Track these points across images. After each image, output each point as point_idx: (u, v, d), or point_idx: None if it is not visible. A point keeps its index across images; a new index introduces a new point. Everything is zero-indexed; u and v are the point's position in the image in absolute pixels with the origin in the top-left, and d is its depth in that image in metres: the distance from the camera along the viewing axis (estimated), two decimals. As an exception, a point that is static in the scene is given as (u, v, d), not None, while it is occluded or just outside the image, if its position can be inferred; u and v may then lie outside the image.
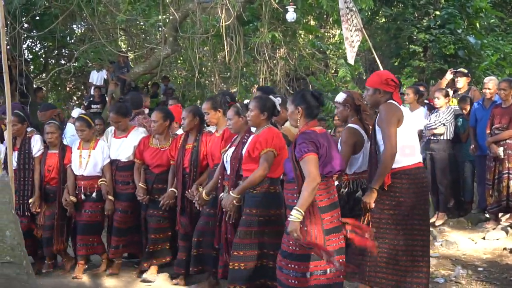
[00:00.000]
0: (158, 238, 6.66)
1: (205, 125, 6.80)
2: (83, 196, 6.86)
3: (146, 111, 9.20)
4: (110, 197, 6.84)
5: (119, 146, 7.00)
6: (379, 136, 5.04)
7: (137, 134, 7.05)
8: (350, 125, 5.43)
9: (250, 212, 5.21)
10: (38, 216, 7.00)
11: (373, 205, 4.93)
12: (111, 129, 7.28)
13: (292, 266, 4.40)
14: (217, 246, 5.73)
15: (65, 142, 7.25)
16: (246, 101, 5.77)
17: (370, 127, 5.37)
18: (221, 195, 5.63)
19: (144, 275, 6.60)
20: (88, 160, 6.89)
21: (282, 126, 6.22)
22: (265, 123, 5.35)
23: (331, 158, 4.44)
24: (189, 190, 6.24)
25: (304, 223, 4.26)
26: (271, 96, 5.51)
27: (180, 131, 7.26)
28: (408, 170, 4.99)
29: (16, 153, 7.05)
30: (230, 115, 5.74)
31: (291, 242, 4.38)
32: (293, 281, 4.39)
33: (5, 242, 4.96)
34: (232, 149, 5.68)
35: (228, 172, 5.60)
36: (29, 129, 7.20)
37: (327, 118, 12.35)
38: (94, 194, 6.87)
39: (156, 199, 6.62)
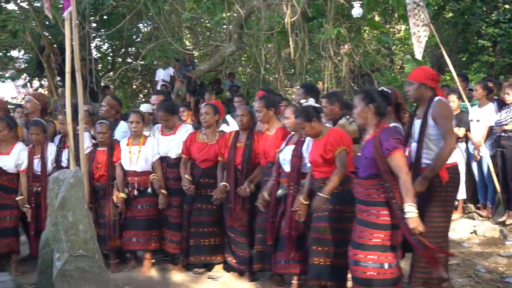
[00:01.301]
0: (202, 232, 6.76)
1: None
2: (136, 192, 7.00)
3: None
4: (163, 191, 6.95)
5: (168, 143, 7.11)
6: (431, 131, 5.09)
7: (184, 131, 7.16)
8: (393, 124, 5.50)
9: (334, 209, 5.32)
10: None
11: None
12: (157, 126, 7.38)
13: (371, 257, 4.46)
14: (271, 243, 5.88)
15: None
16: (303, 101, 5.81)
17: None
18: (278, 192, 5.84)
19: (211, 273, 6.72)
20: (139, 156, 7.01)
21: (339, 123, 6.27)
22: (323, 126, 5.56)
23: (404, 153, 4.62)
24: (241, 187, 6.35)
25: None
26: (309, 101, 5.65)
27: (223, 128, 7.38)
28: (455, 166, 5.20)
29: (66, 150, 7.27)
30: (289, 113, 5.90)
31: (373, 234, 4.47)
32: (371, 272, 4.43)
33: (78, 236, 5.09)
34: (290, 147, 5.85)
35: (288, 170, 5.77)
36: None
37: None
38: (149, 190, 7.00)
39: (202, 194, 6.76)
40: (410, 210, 4.28)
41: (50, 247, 5.56)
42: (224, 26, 15.65)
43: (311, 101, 5.59)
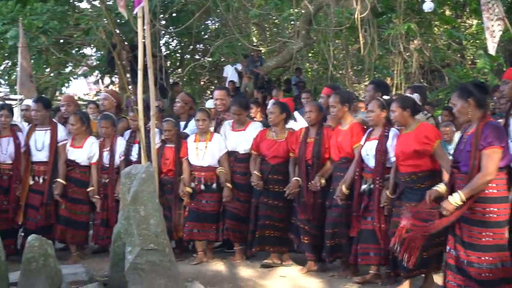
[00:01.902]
0: (269, 225, 6.90)
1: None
2: (202, 187, 7.17)
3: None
4: (228, 184, 7.10)
5: (238, 139, 7.26)
6: None
7: (254, 128, 7.30)
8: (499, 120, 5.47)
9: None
10: None
11: None
12: (228, 122, 7.48)
13: (486, 258, 4.40)
14: (355, 235, 6.02)
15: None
16: (385, 97, 5.93)
17: None
18: (362, 187, 5.98)
19: (264, 261, 6.89)
20: (205, 152, 7.18)
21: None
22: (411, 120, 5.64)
23: (507, 150, 4.48)
24: (311, 182, 6.49)
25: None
26: (413, 95, 5.78)
27: (291, 124, 7.45)
28: None
29: (136, 145, 7.49)
30: (373, 107, 6.01)
31: (482, 233, 4.42)
32: (486, 274, 4.37)
33: (149, 230, 5.16)
34: (373, 142, 5.97)
35: (372, 165, 5.92)
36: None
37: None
38: (214, 185, 7.17)
39: (270, 189, 6.91)
40: (456, 197, 4.34)
41: (122, 240, 5.66)
42: (292, 22, 15.62)
43: (416, 97, 5.71)
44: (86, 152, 7.56)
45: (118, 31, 12.87)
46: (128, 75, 12.28)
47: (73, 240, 7.54)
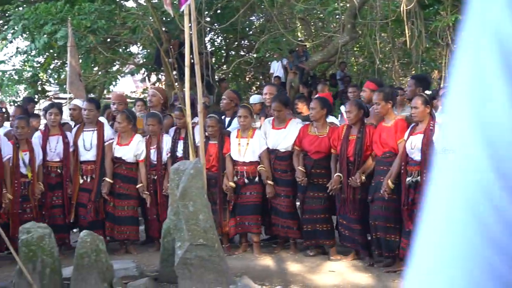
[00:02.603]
0: (316, 218, 7.08)
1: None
2: (246, 180, 7.35)
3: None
4: (270, 182, 7.27)
5: (278, 137, 7.39)
6: None
7: (295, 125, 7.41)
8: None
9: None
10: None
11: None
12: (269, 120, 7.60)
13: None
14: (410, 229, 6.00)
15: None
16: (427, 92, 6.17)
17: None
18: (407, 179, 6.07)
19: (332, 257, 7.03)
20: (247, 148, 7.34)
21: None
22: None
23: None
24: (352, 178, 6.63)
25: None
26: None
27: (331, 119, 7.53)
28: None
29: (181, 142, 7.64)
30: (417, 104, 6.11)
31: None
32: None
33: (198, 225, 5.22)
34: (417, 136, 6.08)
35: (418, 158, 6.03)
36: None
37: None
38: (256, 179, 7.36)
39: (314, 182, 7.10)
40: None
41: (171, 236, 5.73)
42: (337, 16, 15.52)
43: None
44: (132, 149, 7.70)
45: (164, 29, 12.98)
46: (174, 72, 12.36)
47: (122, 236, 7.69)
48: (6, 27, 14.33)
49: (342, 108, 8.41)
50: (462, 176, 0.51)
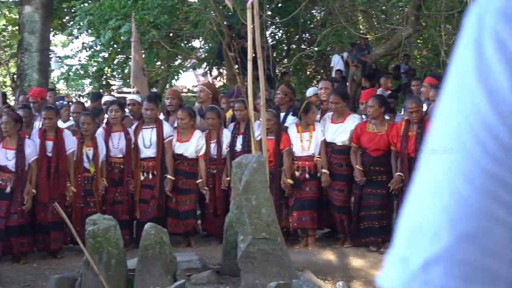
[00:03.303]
0: (373, 215, 7.07)
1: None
2: (307, 175, 7.36)
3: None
4: (325, 170, 7.26)
5: (335, 131, 7.40)
6: None
7: (352, 120, 7.42)
8: None
9: None
10: None
11: None
12: (328, 114, 7.62)
13: None
14: None
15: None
16: None
17: None
18: None
19: (382, 249, 6.98)
20: (311, 142, 7.38)
21: None
22: None
23: None
24: None
25: None
26: None
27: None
28: None
29: (240, 136, 7.70)
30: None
31: None
32: None
33: (261, 219, 5.22)
34: None
35: None
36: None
37: None
38: (318, 174, 7.34)
39: (373, 179, 7.09)
40: None
41: (234, 229, 5.75)
42: (400, 8, 15.26)
43: None
44: (193, 145, 7.76)
45: (225, 23, 13.04)
46: (236, 66, 12.41)
47: (186, 228, 7.77)
48: (72, 23, 14.69)
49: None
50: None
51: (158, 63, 16.15)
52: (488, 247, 0.59)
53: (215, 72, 17.16)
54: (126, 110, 8.39)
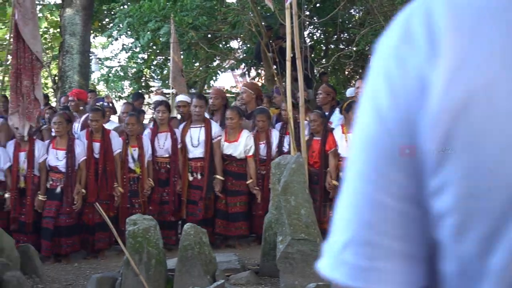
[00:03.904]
0: None
1: None
2: None
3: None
4: None
5: None
6: None
7: None
8: None
9: None
10: None
11: None
12: None
13: None
14: None
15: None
16: None
17: None
18: None
19: None
20: None
21: None
22: None
23: None
24: None
25: None
26: None
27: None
28: None
29: (287, 137, 7.61)
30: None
31: None
32: None
33: (300, 220, 5.19)
34: None
35: None
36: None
37: None
38: None
39: None
40: None
41: (272, 230, 5.74)
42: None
43: None
44: (241, 146, 7.72)
45: (263, 23, 13.04)
46: (274, 67, 12.40)
47: (237, 232, 7.72)
48: (111, 25, 14.85)
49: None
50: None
51: (197, 64, 16.24)
52: (383, 229, 0.76)
53: (253, 72, 17.18)
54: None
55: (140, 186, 7.71)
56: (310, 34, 17.10)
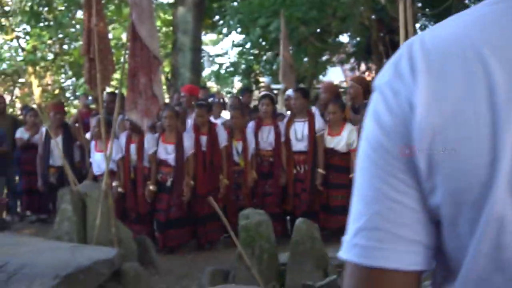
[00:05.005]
0: None
1: None
2: None
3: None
4: None
5: None
6: None
7: None
8: None
9: None
10: None
11: None
12: None
13: None
14: None
15: None
16: None
17: None
18: None
19: None
20: None
21: None
22: None
23: None
24: None
25: None
26: None
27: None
28: None
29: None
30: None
31: None
32: None
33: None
34: None
35: None
36: None
37: None
38: None
39: None
40: None
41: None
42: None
43: None
44: (344, 139, 7.68)
45: (374, 17, 12.84)
46: (385, 60, 12.18)
47: (338, 224, 7.69)
48: (222, 22, 15.10)
49: None
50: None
51: (306, 59, 16.23)
52: (389, 218, 0.90)
53: (363, 67, 16.98)
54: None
55: (243, 178, 7.80)
56: (423, 26, 16.67)
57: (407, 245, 0.91)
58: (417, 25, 14.51)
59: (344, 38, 16.46)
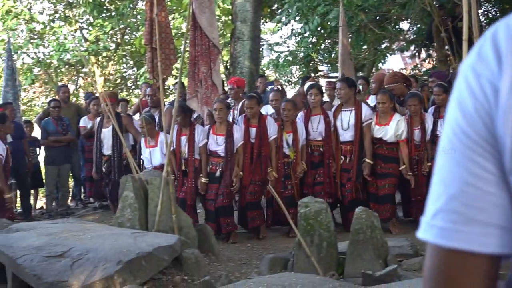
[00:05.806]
0: None
1: None
2: None
3: None
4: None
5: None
6: None
7: None
8: None
9: None
10: None
11: None
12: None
13: None
14: None
15: None
16: None
17: None
18: None
19: None
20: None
21: None
22: None
23: None
24: None
25: None
26: None
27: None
28: None
29: (441, 120, 7.74)
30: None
31: None
32: None
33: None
34: None
35: None
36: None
37: None
38: None
39: None
40: None
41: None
42: None
43: None
44: (393, 129, 7.62)
45: (435, 2, 12.61)
46: (446, 47, 11.96)
47: (382, 215, 7.61)
48: (281, 10, 15.08)
49: None
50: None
51: (365, 47, 16.07)
52: (465, 201, 0.93)
53: (423, 54, 16.70)
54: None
55: (292, 169, 7.82)
56: (485, 12, 16.28)
57: (482, 227, 0.93)
58: (480, 11, 14.19)
59: (404, 25, 16.24)
